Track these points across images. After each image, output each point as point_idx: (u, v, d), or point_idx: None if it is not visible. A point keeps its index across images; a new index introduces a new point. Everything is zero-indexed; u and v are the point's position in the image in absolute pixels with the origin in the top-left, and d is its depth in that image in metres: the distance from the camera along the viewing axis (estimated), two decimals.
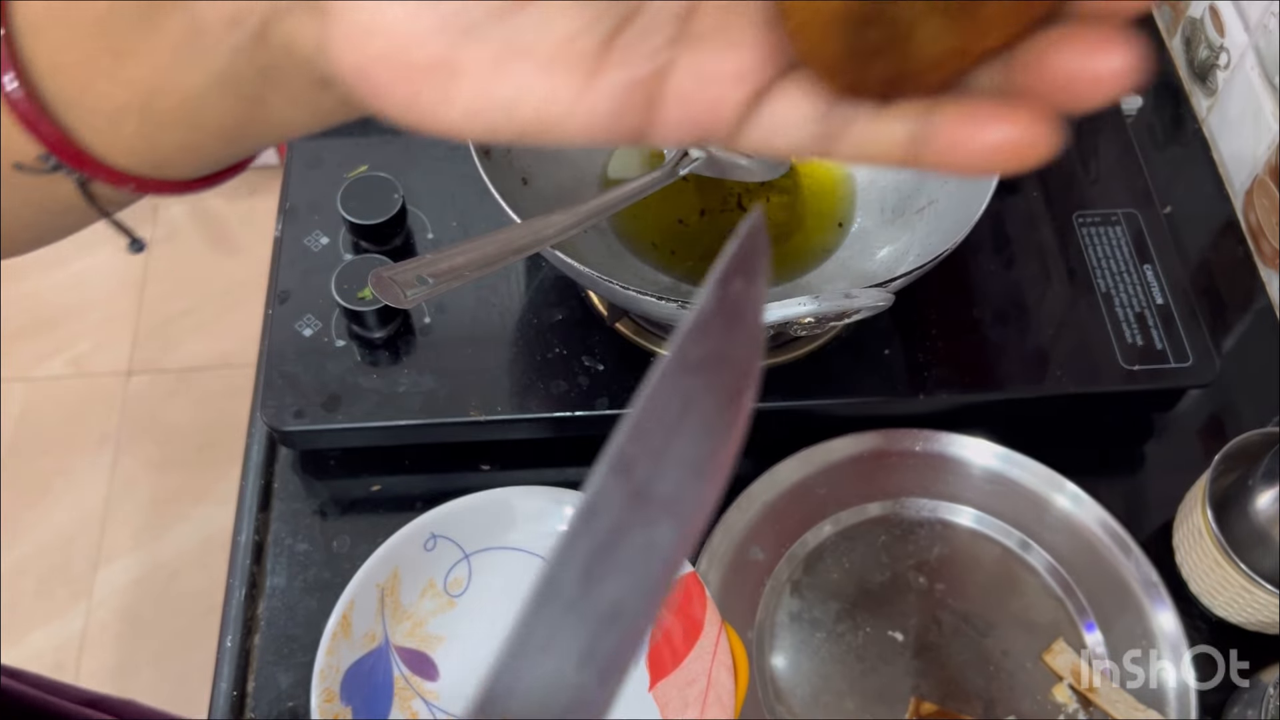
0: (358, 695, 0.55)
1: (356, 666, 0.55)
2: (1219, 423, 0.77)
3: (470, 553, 0.59)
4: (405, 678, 0.56)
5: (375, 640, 0.56)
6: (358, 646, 0.56)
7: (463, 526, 0.59)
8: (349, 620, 0.56)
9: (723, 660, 0.54)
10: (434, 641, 0.58)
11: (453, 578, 0.58)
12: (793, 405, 0.72)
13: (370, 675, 0.56)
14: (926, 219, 0.72)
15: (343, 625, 0.56)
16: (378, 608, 0.57)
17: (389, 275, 0.55)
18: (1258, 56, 0.84)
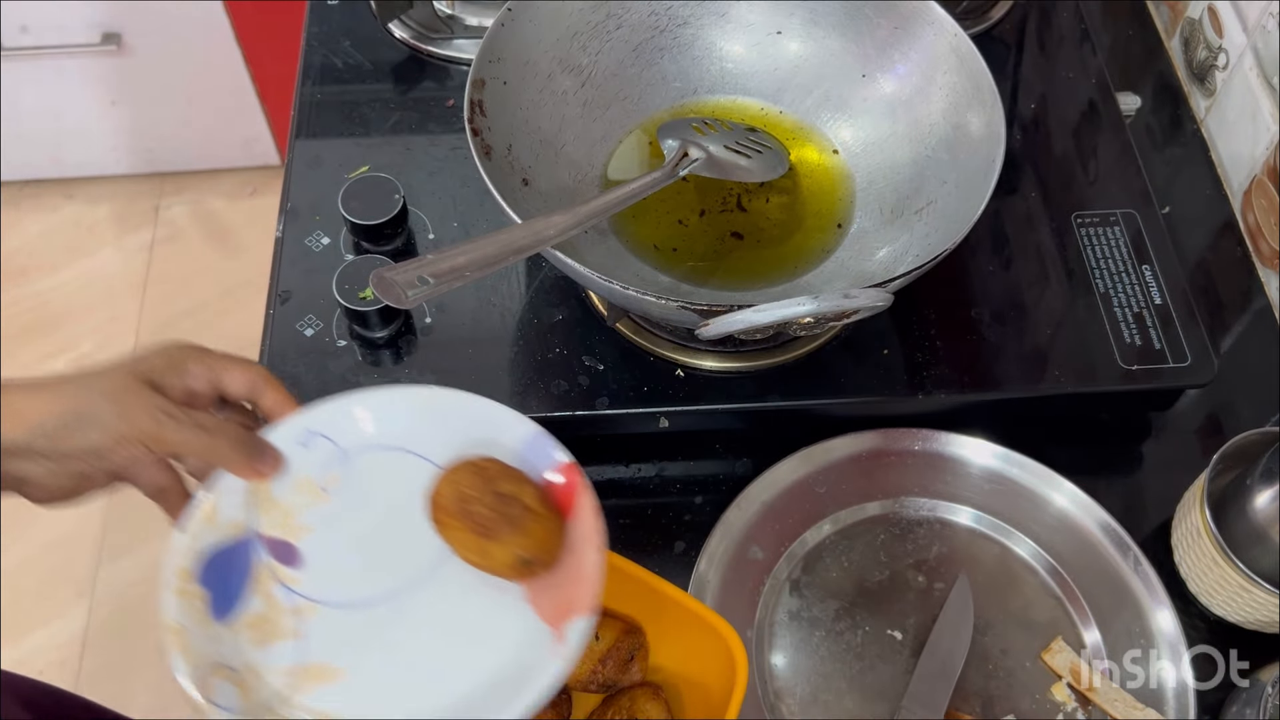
0: (215, 577, 0.55)
1: (218, 552, 0.56)
2: (1217, 422, 0.77)
3: (349, 451, 0.59)
4: (267, 564, 0.56)
5: (241, 529, 0.56)
6: (221, 532, 0.56)
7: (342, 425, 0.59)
8: (214, 507, 0.56)
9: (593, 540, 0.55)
10: (301, 532, 0.57)
11: (329, 474, 0.58)
12: (792, 405, 0.72)
13: (231, 560, 0.56)
14: (925, 219, 0.72)
15: (208, 511, 0.56)
16: (245, 499, 0.57)
17: (390, 275, 0.55)
18: (1256, 57, 0.85)
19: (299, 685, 0.53)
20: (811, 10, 0.80)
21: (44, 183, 1.82)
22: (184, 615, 0.53)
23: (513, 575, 0.54)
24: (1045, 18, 0.93)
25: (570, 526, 0.56)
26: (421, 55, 0.90)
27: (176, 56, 1.59)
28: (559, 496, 0.57)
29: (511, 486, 0.54)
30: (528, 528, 0.53)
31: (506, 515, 0.53)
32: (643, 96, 0.80)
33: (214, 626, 0.54)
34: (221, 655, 0.53)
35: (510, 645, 0.54)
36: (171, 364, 0.55)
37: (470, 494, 0.53)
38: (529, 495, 0.55)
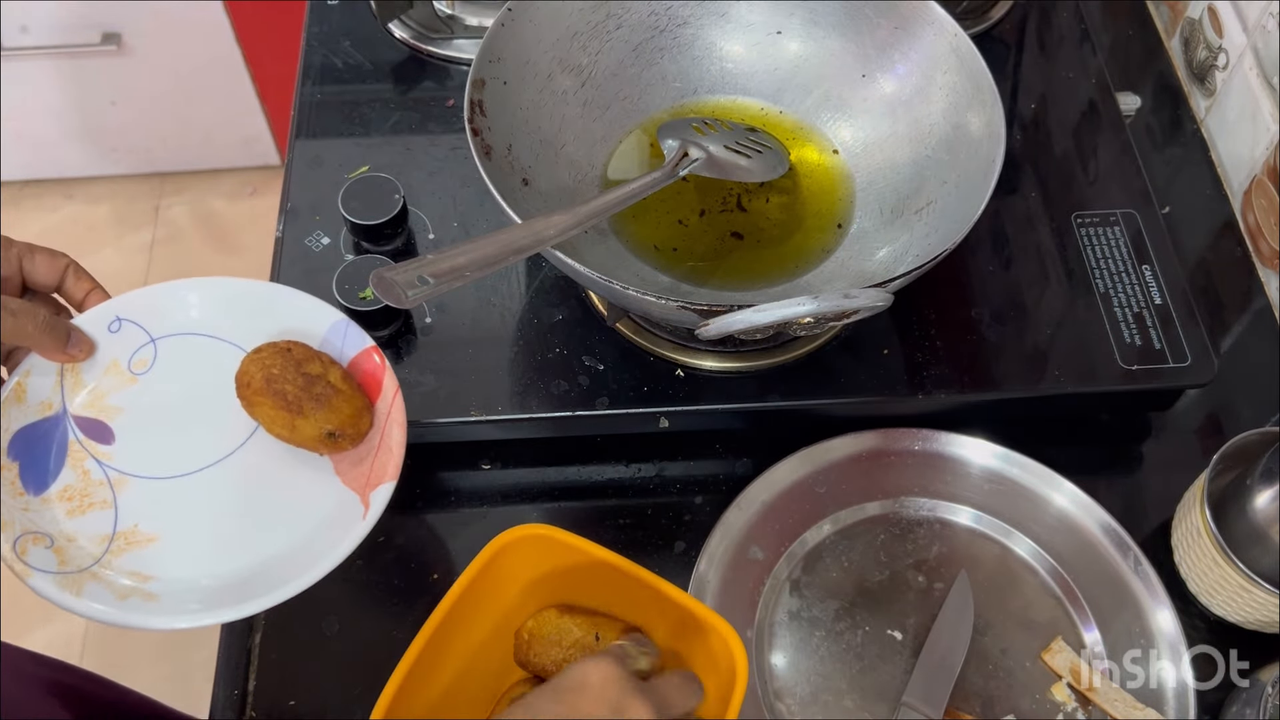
0: (26, 453, 0.58)
1: (29, 429, 0.59)
2: (1217, 422, 0.77)
3: (157, 337, 0.62)
4: (80, 441, 0.59)
5: (52, 408, 0.60)
6: (32, 412, 0.59)
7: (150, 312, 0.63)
8: (23, 386, 0.59)
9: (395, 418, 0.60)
10: (112, 411, 0.61)
11: (137, 358, 0.62)
12: (792, 405, 0.72)
13: (43, 437, 0.59)
14: (925, 219, 0.72)
15: (16, 391, 0.59)
16: (56, 379, 0.60)
17: (390, 275, 0.55)
18: (1256, 57, 0.85)
19: (115, 549, 0.57)
20: (811, 10, 0.80)
21: (44, 183, 1.82)
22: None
23: (321, 449, 0.60)
24: (1045, 18, 0.93)
25: (376, 405, 0.61)
26: (421, 55, 0.90)
27: (176, 56, 1.59)
28: (365, 378, 0.62)
29: (318, 368, 0.59)
30: (334, 404, 0.58)
31: (313, 394, 0.58)
32: (643, 96, 0.80)
33: (27, 498, 0.57)
34: (36, 524, 0.56)
35: (319, 512, 0.59)
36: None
37: (277, 373, 0.58)
38: (335, 375, 0.59)
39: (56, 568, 0.55)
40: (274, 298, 0.64)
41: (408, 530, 0.71)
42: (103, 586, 0.55)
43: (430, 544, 0.72)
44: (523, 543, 0.58)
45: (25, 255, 0.59)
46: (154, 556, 0.57)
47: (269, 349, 0.59)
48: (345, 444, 0.60)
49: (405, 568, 0.70)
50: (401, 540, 0.70)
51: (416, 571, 0.69)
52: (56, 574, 0.54)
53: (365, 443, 0.60)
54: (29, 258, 0.59)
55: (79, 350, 0.59)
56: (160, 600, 0.55)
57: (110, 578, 0.56)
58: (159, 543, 0.58)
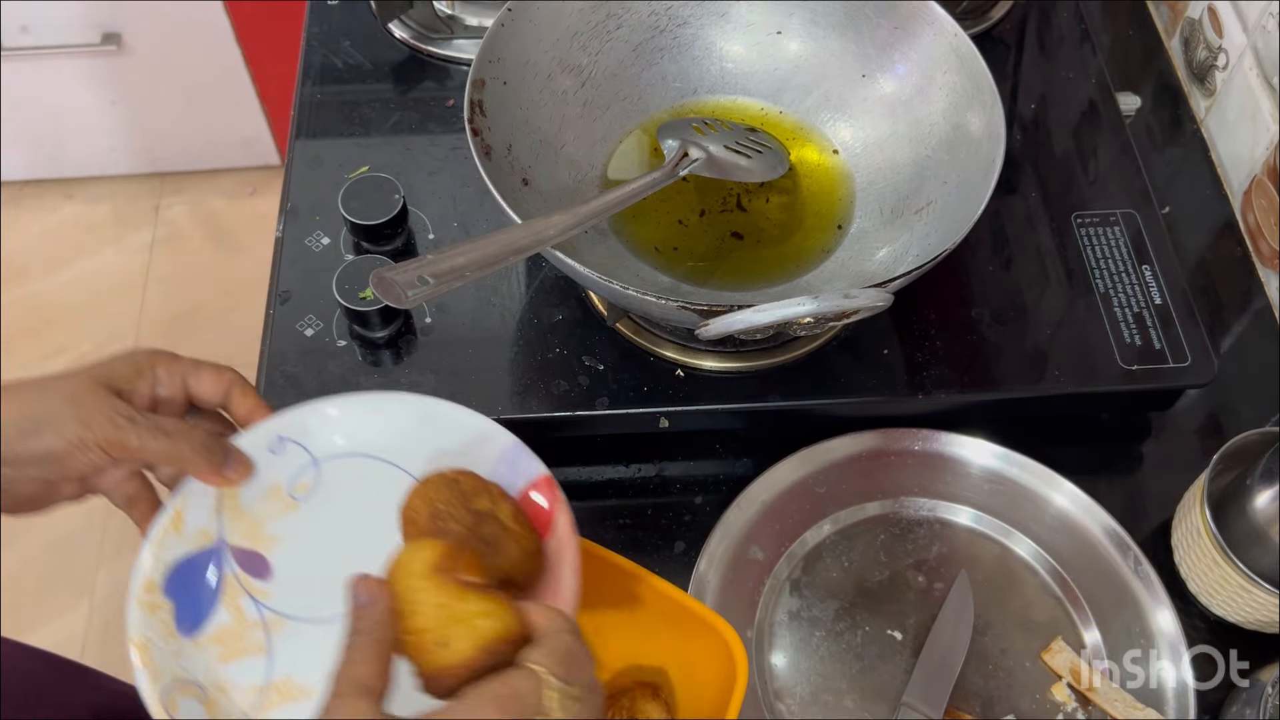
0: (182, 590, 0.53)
1: (186, 563, 0.54)
2: (1217, 422, 0.77)
3: (321, 459, 0.57)
4: (236, 576, 0.55)
5: (209, 538, 0.55)
6: (189, 542, 0.54)
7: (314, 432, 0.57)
8: (181, 516, 0.54)
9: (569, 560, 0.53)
10: (270, 542, 0.56)
11: (299, 482, 0.56)
12: (792, 405, 0.72)
13: (198, 571, 0.54)
14: (925, 220, 0.72)
15: (174, 520, 0.54)
16: (214, 506, 0.55)
17: (390, 275, 0.55)
18: (1256, 57, 0.85)
19: (266, 704, 0.52)
20: (811, 10, 0.80)
21: (44, 183, 1.82)
22: (149, 629, 0.51)
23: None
24: (1045, 18, 0.93)
25: (547, 544, 0.54)
26: (421, 55, 0.90)
27: (176, 56, 1.59)
28: (536, 512, 0.55)
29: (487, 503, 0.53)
30: (503, 547, 0.52)
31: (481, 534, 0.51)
32: (643, 96, 0.80)
33: (180, 640, 0.52)
34: (188, 670, 0.51)
35: None
36: (137, 369, 0.54)
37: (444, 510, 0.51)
38: (505, 512, 0.53)
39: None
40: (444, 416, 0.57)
41: None
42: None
43: None
44: None
45: (190, 372, 0.55)
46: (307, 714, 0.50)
47: (437, 480, 0.53)
48: (513, 590, 0.52)
49: None
50: None
51: None
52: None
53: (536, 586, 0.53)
54: (194, 374, 0.55)
55: (236, 473, 0.55)
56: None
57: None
58: (313, 698, 0.51)
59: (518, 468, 0.56)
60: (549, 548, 0.54)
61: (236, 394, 0.56)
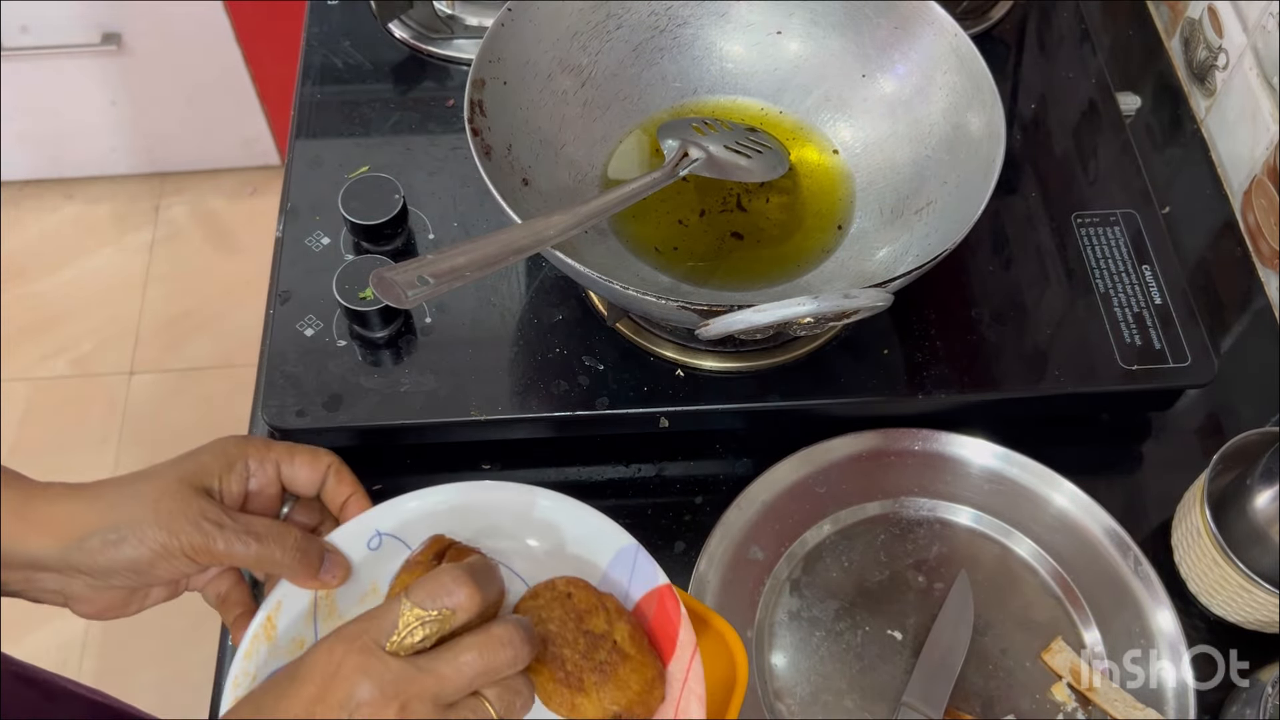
0: None
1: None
2: (1217, 422, 0.77)
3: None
4: None
5: (303, 646, 0.51)
6: (282, 652, 0.50)
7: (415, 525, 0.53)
8: (273, 622, 0.51)
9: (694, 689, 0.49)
10: None
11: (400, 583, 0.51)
12: (792, 405, 0.72)
13: None
14: (925, 219, 0.72)
15: (266, 627, 0.51)
16: (309, 610, 0.52)
17: (390, 275, 0.55)
18: (1256, 57, 0.85)
19: None
20: (811, 10, 0.80)
21: (44, 183, 1.82)
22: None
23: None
24: (1045, 18, 0.93)
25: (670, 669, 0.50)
26: (421, 55, 0.90)
27: (176, 56, 1.60)
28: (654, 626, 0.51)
29: (602, 623, 0.49)
30: (620, 676, 0.48)
31: (596, 661, 0.48)
32: (643, 96, 0.80)
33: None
34: None
35: None
36: (227, 463, 0.51)
37: (555, 631, 0.48)
38: (621, 633, 0.49)
39: None
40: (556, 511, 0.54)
41: None
42: None
43: None
44: None
45: (284, 460, 0.53)
46: None
47: (546, 594, 0.50)
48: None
49: None
50: None
51: None
52: None
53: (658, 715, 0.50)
54: (288, 462, 0.53)
55: (333, 577, 0.51)
56: None
57: None
58: None
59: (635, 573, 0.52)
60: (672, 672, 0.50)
61: (333, 481, 0.54)
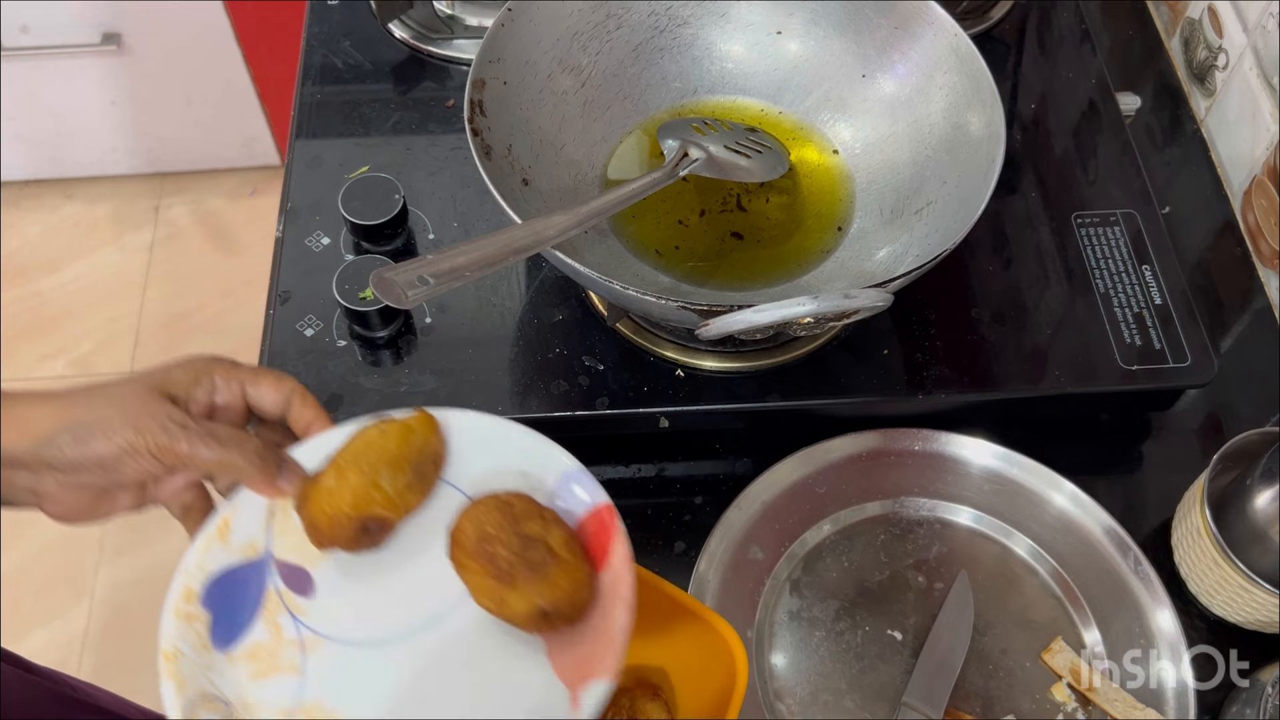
0: (221, 601, 0.52)
1: (228, 574, 0.52)
2: (1217, 422, 0.77)
3: None
4: (278, 591, 0.53)
5: (256, 550, 0.53)
6: (234, 553, 0.53)
7: None
8: (229, 525, 0.53)
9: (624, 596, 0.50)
10: (317, 558, 0.54)
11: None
12: (792, 405, 0.72)
13: (241, 584, 0.53)
14: (925, 220, 0.72)
15: (220, 530, 0.53)
16: (265, 517, 0.54)
17: (390, 275, 0.55)
18: (1256, 57, 0.85)
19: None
20: (811, 10, 0.80)
21: (44, 183, 1.82)
22: (182, 639, 0.50)
23: (530, 627, 0.51)
24: (1045, 18, 0.93)
25: (600, 577, 0.51)
26: (421, 55, 0.90)
27: (176, 56, 1.60)
28: (592, 542, 0.52)
29: (537, 528, 0.51)
30: (551, 575, 0.50)
31: (528, 560, 0.50)
32: (643, 96, 0.80)
33: (213, 654, 0.51)
34: (215, 686, 0.50)
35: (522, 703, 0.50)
36: (194, 376, 0.53)
37: (492, 533, 0.50)
38: (556, 538, 0.51)
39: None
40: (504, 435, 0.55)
41: None
42: None
43: None
44: None
45: (249, 380, 0.54)
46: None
47: (489, 503, 0.51)
48: (559, 623, 0.50)
49: None
50: None
51: None
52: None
53: (585, 620, 0.51)
54: (253, 383, 0.54)
55: (290, 485, 0.53)
56: None
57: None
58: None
59: (577, 494, 0.54)
60: (603, 580, 0.51)
61: (297, 404, 0.55)
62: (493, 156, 0.70)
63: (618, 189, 0.68)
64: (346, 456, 0.52)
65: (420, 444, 0.53)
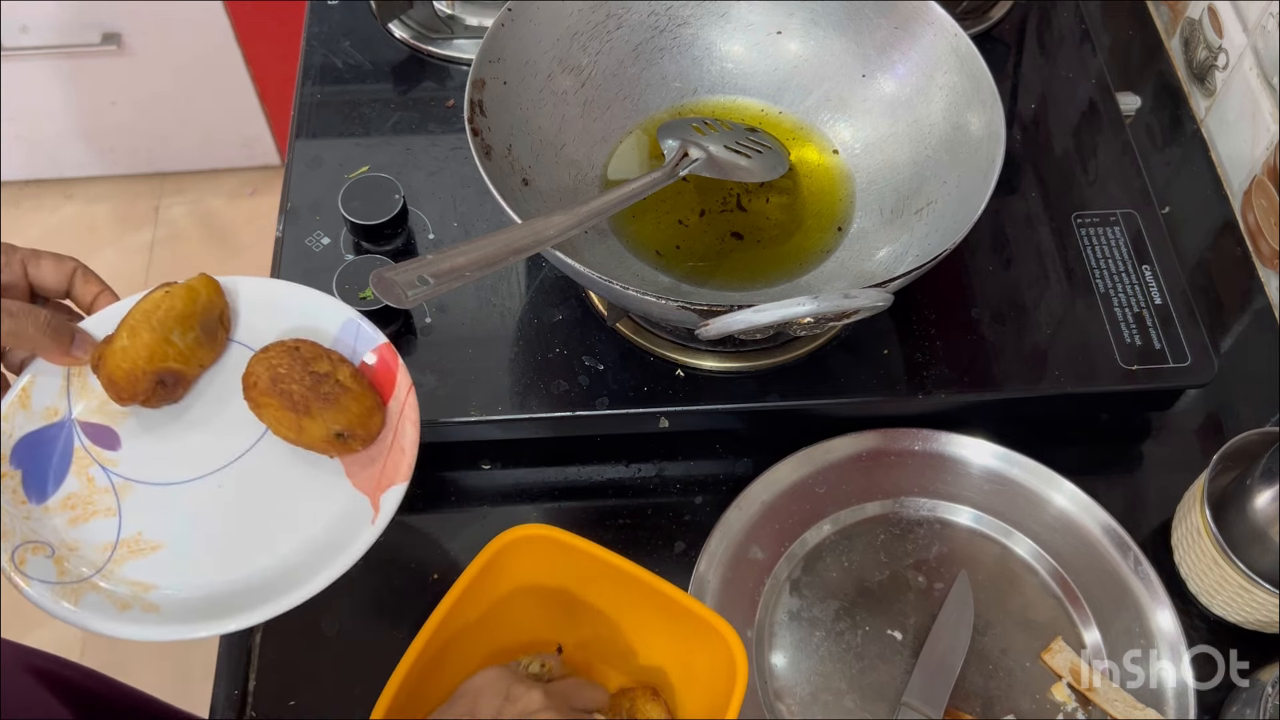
0: (30, 461, 0.57)
1: (33, 436, 0.58)
2: (1217, 422, 0.77)
3: None
4: (85, 448, 0.58)
5: (57, 415, 0.58)
6: (37, 418, 0.58)
7: None
8: (28, 392, 0.58)
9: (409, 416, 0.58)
10: (119, 416, 0.59)
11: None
12: (792, 405, 0.72)
13: (47, 444, 0.58)
14: (925, 220, 0.72)
15: (20, 397, 0.58)
16: (62, 385, 0.59)
17: (390, 275, 0.55)
18: (1256, 57, 0.85)
19: (118, 559, 0.55)
20: (811, 10, 0.80)
21: (44, 183, 1.82)
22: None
23: (329, 450, 0.58)
24: (1045, 18, 0.93)
25: (389, 405, 0.59)
26: (421, 55, 0.90)
27: (176, 56, 1.60)
28: (377, 377, 0.60)
29: (326, 366, 0.57)
30: (342, 403, 0.56)
31: (320, 392, 0.56)
32: (643, 96, 0.80)
33: (30, 506, 0.56)
34: (36, 533, 0.55)
35: (327, 516, 0.57)
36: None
37: (284, 373, 0.56)
38: (343, 373, 0.57)
39: (55, 578, 0.54)
40: (284, 295, 0.62)
41: (408, 530, 0.71)
42: (102, 597, 0.54)
43: (430, 544, 0.72)
44: (523, 543, 0.58)
45: (30, 260, 0.57)
46: (157, 565, 0.55)
47: (276, 348, 0.58)
48: (355, 445, 0.58)
49: (405, 568, 0.70)
50: (401, 540, 0.70)
51: (416, 572, 0.69)
52: (55, 584, 0.53)
53: (377, 444, 0.58)
54: (34, 263, 0.57)
55: (84, 352, 0.57)
56: (161, 611, 0.54)
57: (110, 588, 0.54)
58: (163, 551, 0.56)
59: (359, 338, 0.60)
60: (390, 408, 0.59)
61: (79, 281, 0.59)
62: (493, 156, 0.70)
63: (618, 189, 0.68)
64: (136, 316, 0.57)
65: (205, 302, 0.59)
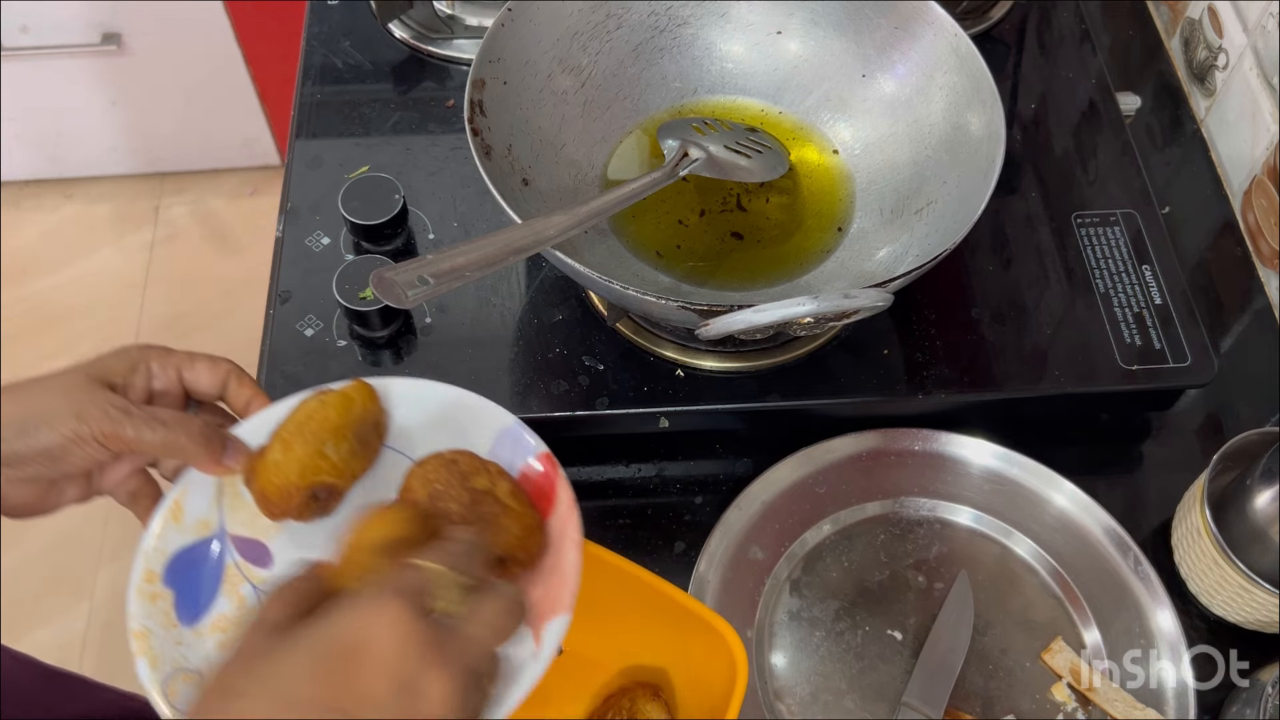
0: (182, 579, 0.54)
1: (186, 552, 0.54)
2: (1217, 422, 0.77)
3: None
4: (237, 564, 0.55)
5: (209, 528, 0.55)
6: (189, 532, 0.55)
7: None
8: (180, 506, 0.55)
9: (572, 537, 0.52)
10: (271, 530, 0.56)
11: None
12: (792, 405, 0.72)
13: (199, 561, 0.55)
14: (925, 220, 0.72)
15: (173, 511, 0.54)
16: (214, 496, 0.56)
17: (390, 275, 0.55)
18: (1256, 57, 0.85)
19: None
20: (811, 10, 0.80)
21: (44, 183, 1.82)
22: (149, 618, 0.52)
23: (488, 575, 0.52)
24: (1045, 18, 0.93)
25: (549, 522, 0.54)
26: (421, 55, 0.90)
27: (176, 56, 1.60)
28: (536, 490, 0.55)
29: (485, 481, 0.53)
30: (502, 524, 0.52)
31: (479, 512, 0.52)
32: (643, 96, 0.80)
33: (180, 630, 0.52)
34: (187, 659, 0.52)
35: None
36: (131, 364, 0.54)
37: (441, 489, 0.52)
38: (503, 490, 0.53)
39: None
40: (441, 398, 0.58)
41: None
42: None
43: None
44: None
45: (185, 365, 0.55)
46: None
47: (434, 461, 0.53)
48: (514, 569, 0.53)
49: None
50: None
51: None
52: None
53: (538, 565, 0.53)
54: (189, 367, 0.55)
55: (236, 462, 0.54)
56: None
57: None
58: None
59: (517, 446, 0.56)
60: (551, 525, 0.54)
61: (234, 384, 0.56)
62: (493, 156, 0.70)
63: (618, 189, 0.68)
64: (289, 429, 0.53)
65: (360, 411, 0.54)
